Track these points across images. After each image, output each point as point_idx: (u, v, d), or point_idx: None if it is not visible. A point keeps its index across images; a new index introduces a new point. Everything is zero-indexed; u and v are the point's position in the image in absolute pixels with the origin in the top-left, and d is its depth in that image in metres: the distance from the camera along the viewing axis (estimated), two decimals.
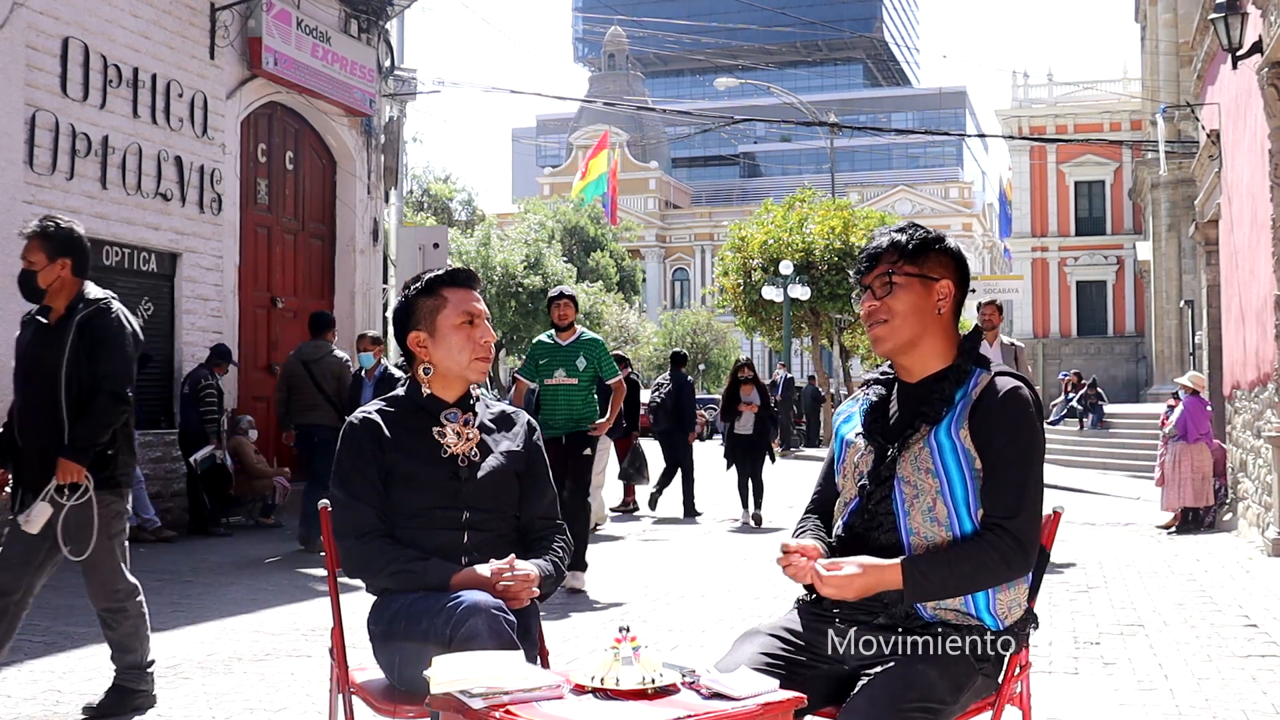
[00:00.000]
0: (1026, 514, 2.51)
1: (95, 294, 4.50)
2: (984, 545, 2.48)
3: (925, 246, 2.64)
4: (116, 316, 4.49)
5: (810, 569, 2.50)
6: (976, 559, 2.47)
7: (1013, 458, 2.52)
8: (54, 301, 4.50)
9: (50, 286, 4.46)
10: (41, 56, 9.49)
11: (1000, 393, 2.56)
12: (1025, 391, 2.58)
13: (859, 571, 2.47)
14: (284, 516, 11.38)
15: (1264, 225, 9.74)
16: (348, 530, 2.92)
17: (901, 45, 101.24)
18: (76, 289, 4.49)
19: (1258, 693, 5.05)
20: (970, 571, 2.48)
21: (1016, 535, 2.49)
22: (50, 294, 4.48)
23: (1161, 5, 29.37)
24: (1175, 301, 29.86)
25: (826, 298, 27.74)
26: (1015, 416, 2.54)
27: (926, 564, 2.47)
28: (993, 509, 2.51)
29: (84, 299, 4.47)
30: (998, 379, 2.59)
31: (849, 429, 2.75)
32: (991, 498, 2.51)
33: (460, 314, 3.01)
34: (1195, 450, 11.57)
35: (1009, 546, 2.48)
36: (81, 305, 4.46)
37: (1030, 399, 2.59)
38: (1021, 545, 2.49)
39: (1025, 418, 2.55)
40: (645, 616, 6.79)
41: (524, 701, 2.18)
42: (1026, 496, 2.52)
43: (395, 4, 14.25)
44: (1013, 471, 2.52)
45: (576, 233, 47.43)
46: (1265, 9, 9.14)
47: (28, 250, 4.49)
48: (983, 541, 2.48)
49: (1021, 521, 2.50)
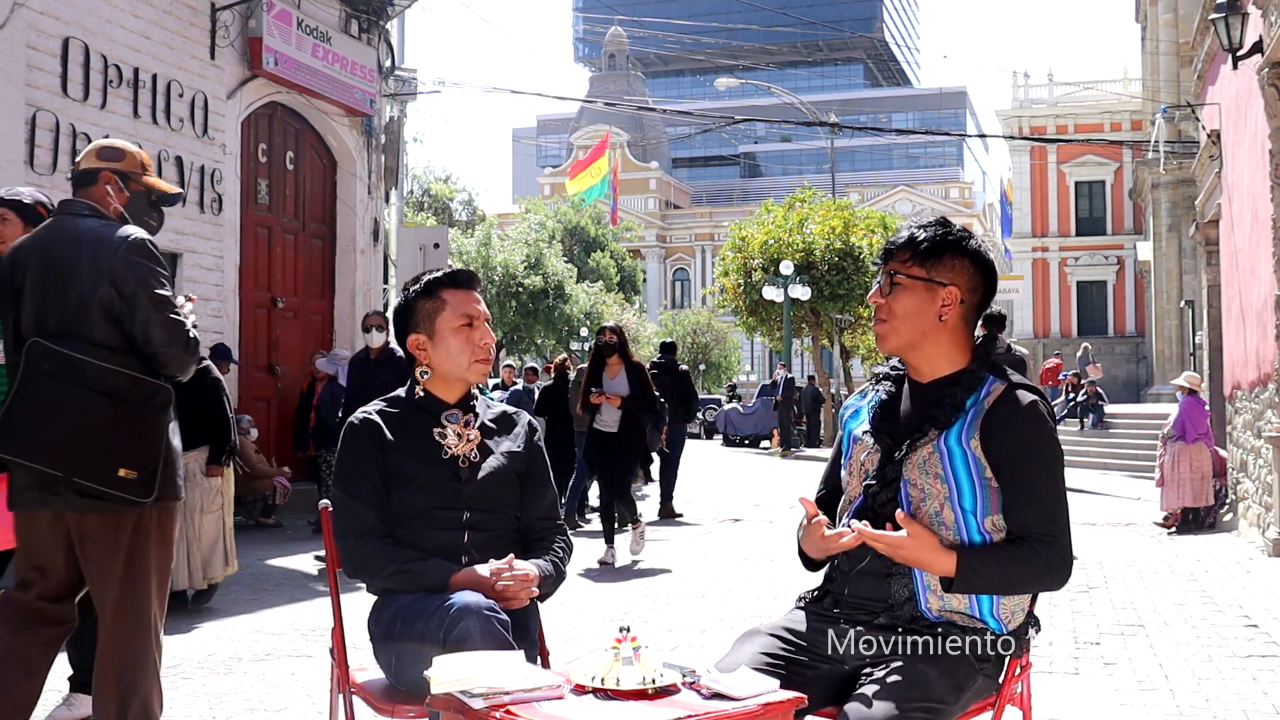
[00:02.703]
0: (1067, 530, 2.53)
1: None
2: (1031, 553, 2.47)
3: (939, 249, 2.59)
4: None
5: (861, 528, 2.49)
6: (1023, 566, 2.47)
7: (1044, 472, 2.52)
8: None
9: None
10: (42, 56, 9.49)
11: (1021, 404, 2.54)
12: (1043, 406, 2.58)
13: (917, 543, 2.44)
14: (284, 516, 11.38)
15: (1264, 225, 9.74)
16: (348, 530, 2.93)
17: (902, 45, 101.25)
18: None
19: (1258, 693, 5.05)
20: (1016, 576, 2.49)
21: (1062, 551, 2.50)
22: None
23: (1162, 5, 29.37)
24: (1175, 301, 29.86)
25: (827, 298, 27.75)
26: (1039, 431, 2.53)
27: (980, 560, 2.47)
28: (1028, 522, 2.50)
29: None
30: (1018, 391, 2.57)
31: (857, 424, 2.74)
32: (1022, 510, 2.50)
33: (459, 316, 3.00)
34: (1194, 450, 11.56)
35: (1056, 560, 2.48)
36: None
37: (1048, 413, 2.59)
38: (1065, 562, 2.51)
39: (1048, 432, 2.56)
40: (645, 616, 6.79)
41: (524, 701, 2.18)
42: (1063, 512, 2.54)
43: (395, 4, 14.25)
44: (1045, 486, 2.51)
45: (577, 233, 47.43)
46: (1265, 9, 9.14)
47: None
48: (1030, 550, 2.48)
49: (1065, 539, 2.51)
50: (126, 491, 3.23)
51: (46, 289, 3.32)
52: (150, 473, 3.27)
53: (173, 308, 3.35)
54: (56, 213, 3.50)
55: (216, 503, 6.95)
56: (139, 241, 3.35)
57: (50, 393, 3.23)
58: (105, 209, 3.47)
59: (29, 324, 3.33)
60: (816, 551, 2.63)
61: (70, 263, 3.30)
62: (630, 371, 9.09)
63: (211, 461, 6.86)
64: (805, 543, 2.64)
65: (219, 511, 6.96)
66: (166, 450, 3.34)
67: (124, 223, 3.46)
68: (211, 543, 6.89)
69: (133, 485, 3.24)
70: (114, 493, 3.23)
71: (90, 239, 3.32)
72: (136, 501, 3.26)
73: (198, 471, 6.77)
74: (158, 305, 3.30)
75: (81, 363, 3.23)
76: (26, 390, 3.24)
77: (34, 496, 3.30)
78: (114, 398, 3.24)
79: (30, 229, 3.86)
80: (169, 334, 3.31)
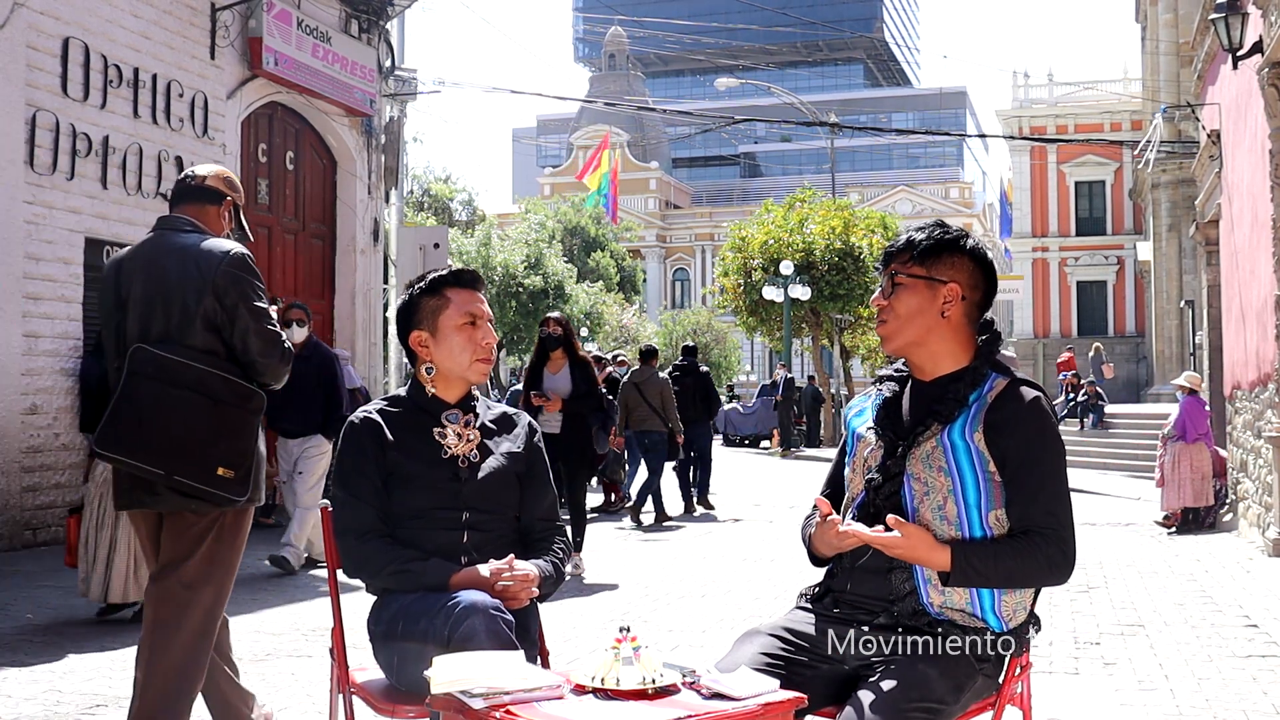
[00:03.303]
0: (1070, 525, 2.54)
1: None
2: (1031, 547, 2.48)
3: (937, 248, 2.63)
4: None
5: (856, 529, 2.52)
6: (1022, 558, 2.48)
7: (1046, 468, 2.53)
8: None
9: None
10: (42, 56, 9.49)
11: (1025, 400, 2.56)
12: (1046, 401, 2.59)
13: (910, 539, 2.46)
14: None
15: (1264, 225, 9.74)
16: (348, 530, 2.93)
17: (902, 45, 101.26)
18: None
19: (1258, 693, 5.05)
20: (1014, 569, 2.49)
21: (1062, 545, 2.50)
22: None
23: (1162, 5, 29.36)
24: (1176, 301, 29.85)
25: (827, 298, 27.76)
26: (1042, 426, 2.55)
27: (975, 553, 2.48)
28: (1030, 516, 2.51)
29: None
30: (1021, 387, 2.59)
31: (860, 423, 2.76)
32: (1026, 505, 2.51)
33: (463, 315, 3.01)
34: (1194, 450, 11.55)
35: (1056, 553, 2.49)
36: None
37: (1050, 409, 2.61)
38: (1066, 556, 2.51)
39: (1051, 427, 2.57)
40: (645, 616, 6.79)
41: (524, 701, 2.18)
42: (1065, 507, 2.54)
43: (395, 4, 14.26)
44: (1047, 481, 2.52)
45: (577, 233, 47.42)
46: (1265, 9, 9.14)
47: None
48: (1030, 543, 2.49)
49: (1067, 533, 2.52)
50: (224, 490, 3.43)
51: (151, 298, 3.51)
52: (246, 471, 3.48)
53: (270, 319, 3.56)
54: (158, 227, 3.69)
55: None
56: (240, 256, 3.56)
57: (152, 396, 3.41)
58: (212, 228, 3.68)
59: (134, 331, 3.52)
60: (828, 549, 2.65)
61: (175, 274, 3.50)
62: (575, 368, 8.35)
63: None
64: (818, 540, 2.66)
65: None
66: (256, 453, 3.55)
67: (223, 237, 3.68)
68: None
69: (230, 484, 3.44)
70: (213, 491, 3.42)
71: (193, 253, 3.52)
72: (232, 499, 3.45)
73: None
74: (257, 317, 3.51)
75: (182, 367, 3.42)
76: (130, 394, 3.43)
77: (135, 498, 3.51)
78: (213, 400, 3.44)
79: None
80: (266, 344, 3.52)
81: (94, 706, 4.73)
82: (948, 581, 2.49)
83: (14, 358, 9.20)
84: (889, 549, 2.48)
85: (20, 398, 9.29)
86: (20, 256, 9.28)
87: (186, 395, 3.40)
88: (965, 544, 2.50)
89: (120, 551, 6.19)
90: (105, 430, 3.43)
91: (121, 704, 4.77)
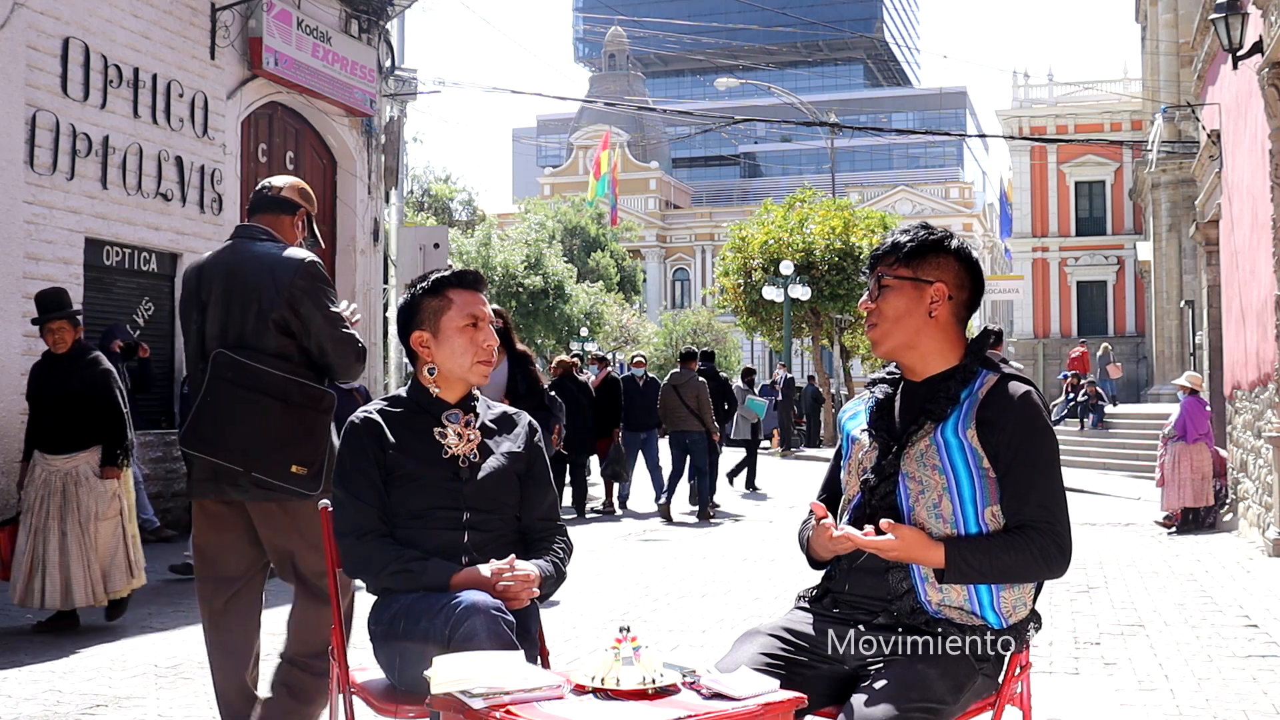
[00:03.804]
0: (1064, 518, 2.54)
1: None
2: (1025, 540, 2.49)
3: (922, 249, 2.64)
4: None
5: (850, 533, 2.53)
6: (1017, 553, 2.49)
7: (1039, 461, 2.53)
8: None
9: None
10: (42, 56, 9.49)
11: (1015, 396, 2.57)
12: (1036, 396, 2.60)
13: (903, 540, 2.47)
14: None
15: (1264, 225, 9.74)
16: (348, 530, 2.93)
17: (902, 45, 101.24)
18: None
19: (1258, 693, 5.05)
20: (1009, 563, 2.49)
21: (1057, 538, 2.51)
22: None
23: (1162, 5, 29.37)
24: (1176, 302, 29.85)
25: (827, 298, 27.76)
26: (1033, 420, 2.55)
27: (969, 549, 2.48)
28: (1024, 511, 2.51)
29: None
30: (1010, 383, 2.60)
31: (854, 426, 2.77)
32: (1019, 500, 2.52)
33: (465, 316, 3.01)
34: (1195, 450, 11.55)
35: (1050, 547, 2.50)
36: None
37: (1042, 404, 2.61)
38: (1061, 548, 2.51)
39: (1042, 421, 2.57)
40: (645, 616, 6.79)
41: (524, 701, 2.18)
42: (1059, 500, 2.55)
43: (395, 4, 14.26)
44: (1040, 475, 2.53)
45: (577, 233, 47.41)
46: (1265, 9, 9.14)
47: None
48: (1024, 538, 2.49)
49: (1061, 526, 2.52)
50: (298, 485, 3.64)
51: (229, 304, 3.71)
52: (318, 468, 3.68)
53: (343, 323, 3.76)
54: (235, 236, 3.88)
55: (114, 508, 6.30)
56: (312, 265, 3.75)
57: (232, 397, 3.64)
58: (286, 237, 3.87)
59: (212, 334, 3.73)
60: (825, 552, 2.66)
61: (252, 282, 3.70)
62: (514, 363, 7.84)
63: (105, 462, 6.28)
64: (814, 543, 2.67)
65: (116, 518, 6.33)
66: (330, 448, 3.72)
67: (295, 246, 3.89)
68: (110, 553, 6.26)
69: (303, 479, 3.65)
70: (287, 486, 3.64)
71: (270, 261, 3.72)
72: (306, 494, 3.64)
73: (90, 474, 6.23)
74: (331, 322, 3.72)
75: (259, 371, 3.64)
76: (211, 395, 3.67)
77: (211, 488, 3.72)
78: (286, 402, 3.66)
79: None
80: (341, 348, 3.74)
81: (94, 706, 4.74)
82: (943, 578, 2.50)
83: (14, 358, 9.20)
84: (883, 552, 2.49)
85: (20, 398, 9.25)
86: (20, 256, 9.28)
87: (262, 399, 3.62)
88: (959, 540, 2.51)
89: (73, 555, 6.16)
90: (189, 429, 3.69)
91: (122, 704, 4.77)
